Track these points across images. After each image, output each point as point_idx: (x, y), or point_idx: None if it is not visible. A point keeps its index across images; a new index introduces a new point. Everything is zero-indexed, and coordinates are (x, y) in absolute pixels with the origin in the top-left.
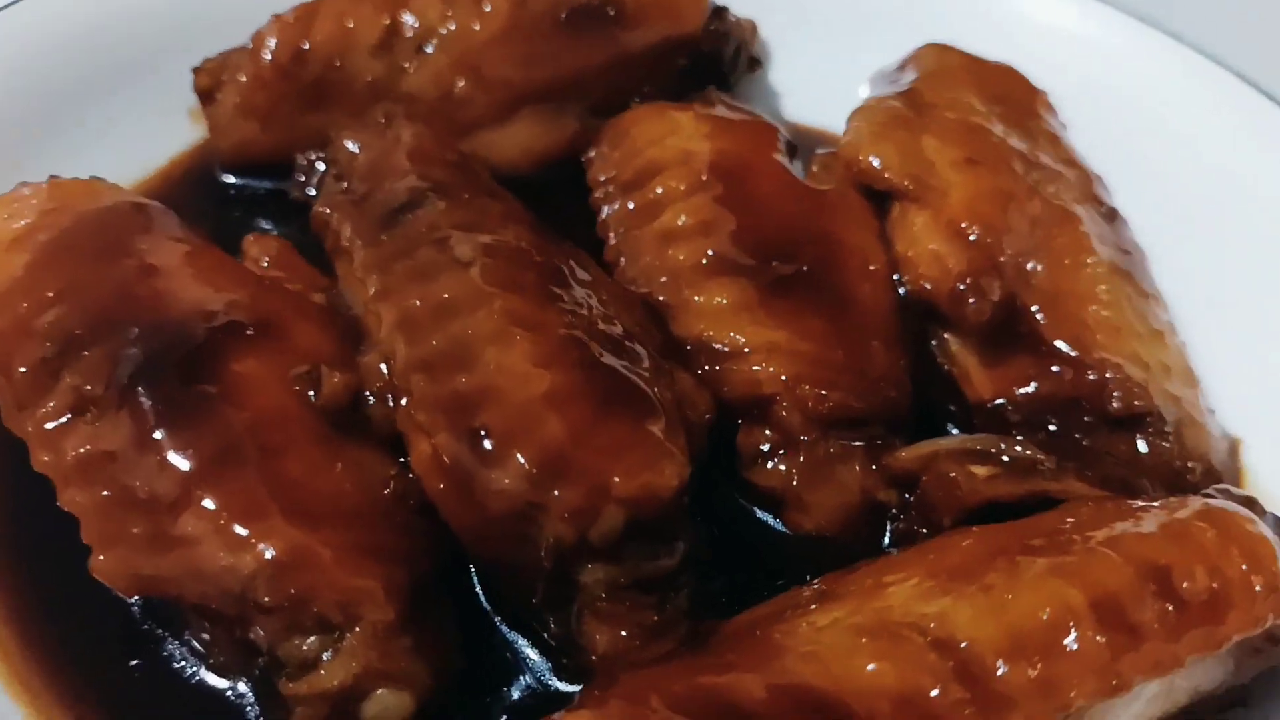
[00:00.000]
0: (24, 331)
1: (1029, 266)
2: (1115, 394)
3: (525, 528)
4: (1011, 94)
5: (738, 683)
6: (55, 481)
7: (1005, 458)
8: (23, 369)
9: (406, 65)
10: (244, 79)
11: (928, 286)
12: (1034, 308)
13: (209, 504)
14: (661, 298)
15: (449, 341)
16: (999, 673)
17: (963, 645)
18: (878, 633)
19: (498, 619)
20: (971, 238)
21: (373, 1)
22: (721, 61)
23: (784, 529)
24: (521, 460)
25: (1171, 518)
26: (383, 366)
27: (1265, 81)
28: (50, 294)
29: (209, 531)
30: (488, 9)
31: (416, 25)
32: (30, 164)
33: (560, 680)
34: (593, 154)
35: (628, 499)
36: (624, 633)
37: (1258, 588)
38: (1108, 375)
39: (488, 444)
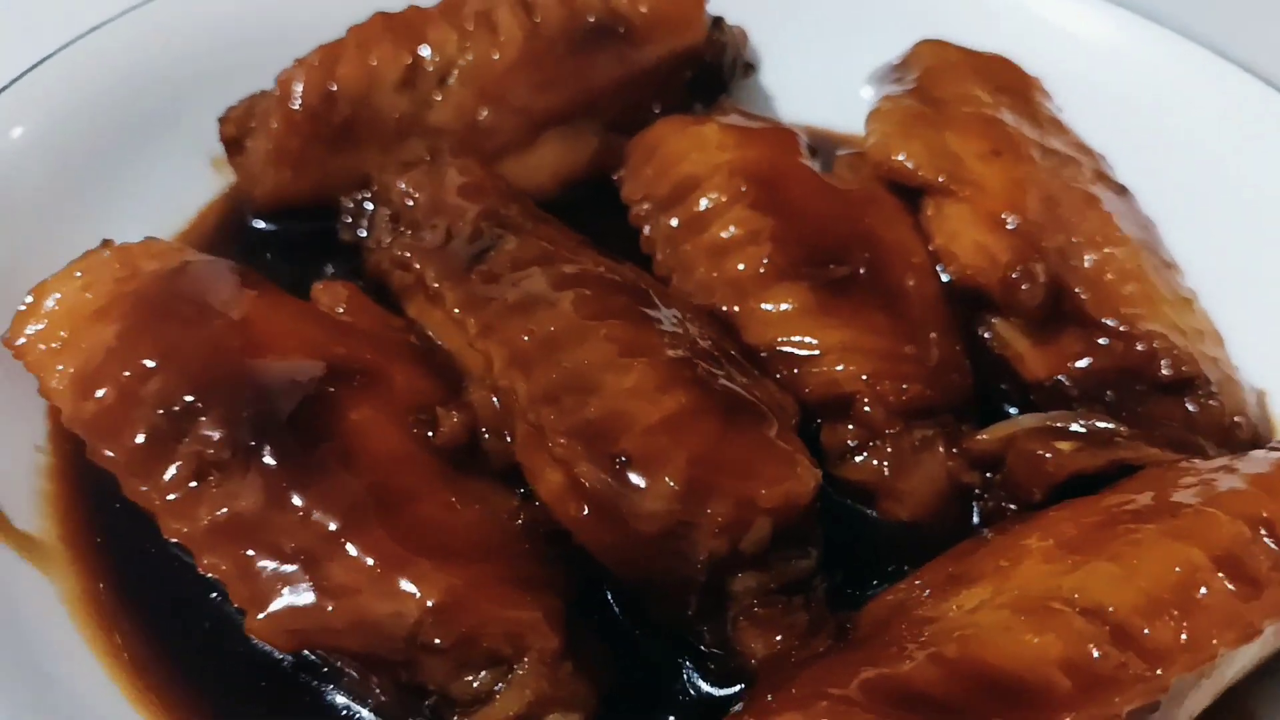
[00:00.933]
0: (131, 402)
1: (1065, 248)
2: (1164, 361)
3: (677, 545)
4: (1011, 83)
5: (913, 670)
6: (192, 550)
7: (1084, 431)
8: (138, 440)
9: (431, 99)
10: (275, 125)
11: (980, 276)
12: (1076, 288)
13: (358, 554)
14: (725, 308)
15: (567, 373)
16: (1147, 633)
17: (1110, 611)
18: (1029, 609)
19: (637, 631)
20: (1011, 226)
21: (392, 39)
22: (722, 70)
23: (876, 517)
24: (669, 482)
25: (1256, 472)
26: (494, 400)
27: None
28: (150, 361)
29: (365, 582)
30: (503, 37)
31: (437, 59)
32: (61, 227)
33: (709, 684)
34: (623, 173)
35: (774, 508)
36: (779, 636)
37: None
38: (1155, 345)
39: (631, 469)
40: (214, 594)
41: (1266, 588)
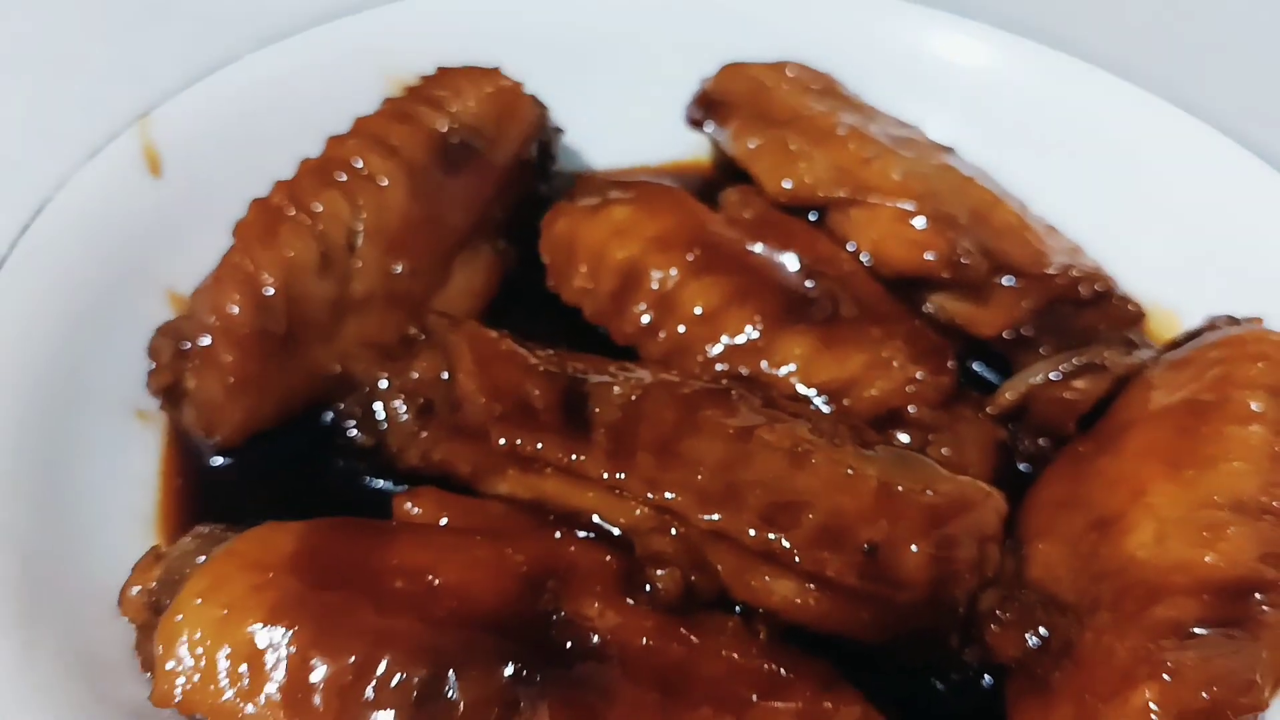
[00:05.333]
0: (365, 703)
1: (969, 217)
2: (1081, 282)
3: (937, 599)
4: (816, 81)
5: (1169, 612)
6: None
7: (1083, 365)
8: None
9: (351, 269)
10: (228, 356)
11: (927, 265)
12: (996, 247)
13: None
14: (746, 372)
15: (764, 494)
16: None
17: (1250, 499)
18: (1204, 525)
19: None
20: (926, 215)
21: (287, 227)
22: (551, 143)
23: None
24: (917, 550)
25: (1243, 350)
26: (673, 531)
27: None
28: (362, 653)
29: None
30: (385, 182)
31: (338, 228)
32: None
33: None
34: (552, 281)
35: (994, 533)
36: (1027, 633)
37: None
38: (1070, 272)
39: (881, 554)
40: None
41: None
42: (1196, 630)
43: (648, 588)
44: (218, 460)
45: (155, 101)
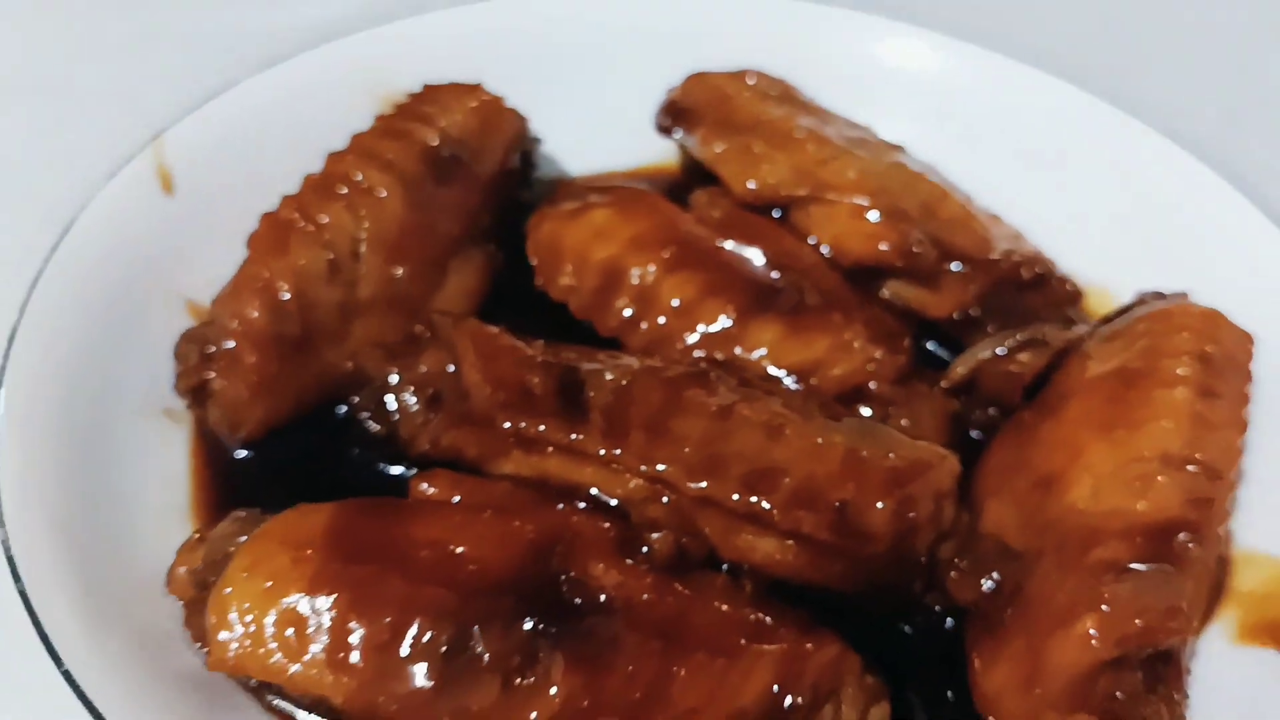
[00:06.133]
0: (400, 660)
1: (920, 210)
2: (1023, 266)
3: (900, 550)
4: (774, 88)
5: (1109, 552)
6: None
7: (1025, 340)
8: (428, 684)
9: (357, 276)
10: (250, 359)
11: (883, 256)
12: (945, 237)
13: (689, 675)
14: (720, 357)
15: (746, 464)
16: (1199, 456)
17: (1177, 453)
18: (1137, 476)
19: None
20: (881, 210)
21: (296, 237)
22: (532, 152)
23: None
24: (881, 507)
25: (1169, 323)
26: (664, 500)
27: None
28: (396, 615)
29: (712, 694)
30: (383, 193)
31: (343, 238)
32: None
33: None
34: (540, 280)
35: (949, 490)
36: (978, 578)
37: None
38: (1013, 257)
39: (849, 511)
40: None
41: (1224, 396)
42: (1131, 567)
43: (644, 550)
44: (242, 453)
45: (155, 124)
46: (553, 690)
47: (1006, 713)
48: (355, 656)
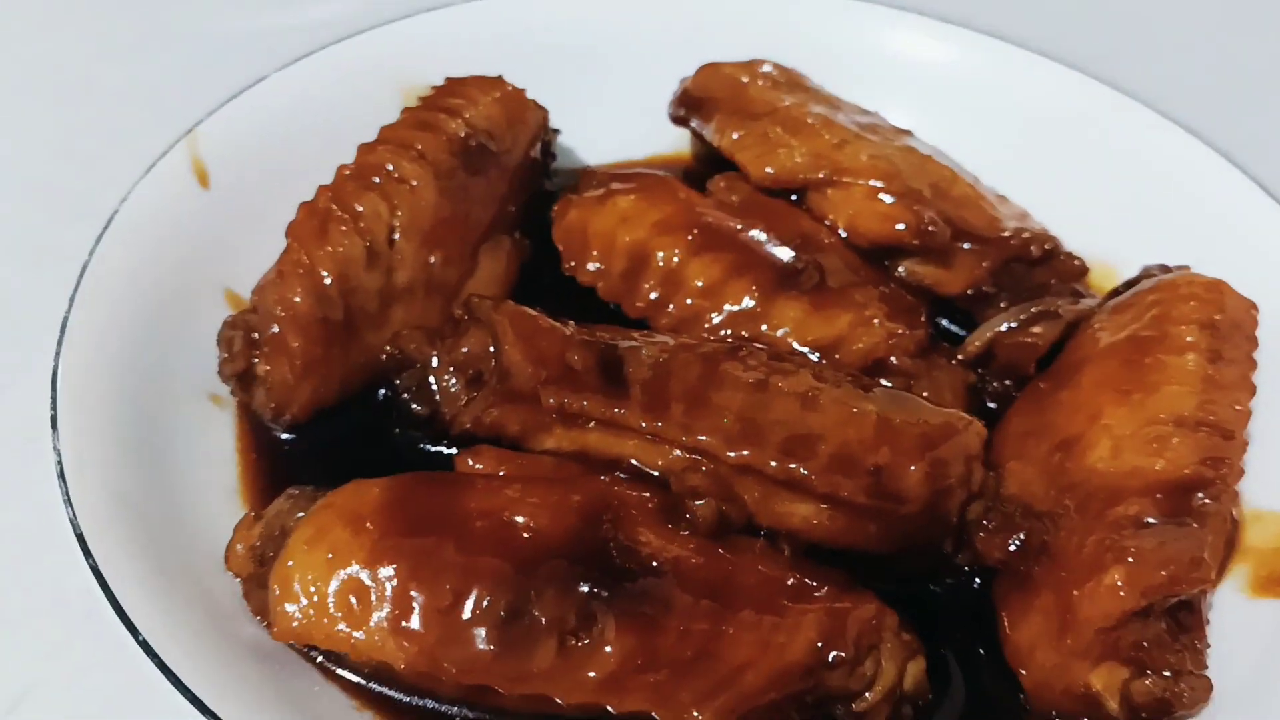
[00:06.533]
0: (462, 625)
1: (931, 191)
2: (1033, 244)
3: (933, 511)
4: (785, 76)
5: (1129, 511)
6: (601, 703)
7: (1039, 312)
8: (489, 648)
9: (394, 263)
10: (296, 342)
11: (900, 235)
12: (957, 215)
13: (737, 633)
14: (746, 335)
15: (784, 433)
16: (1214, 418)
17: (1189, 415)
18: (1153, 437)
19: None
20: (895, 191)
21: (335, 225)
22: (552, 143)
23: None
24: (915, 469)
25: (1176, 293)
26: (704, 469)
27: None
28: (455, 583)
29: (760, 649)
30: (416, 182)
31: (380, 226)
32: None
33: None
34: (570, 264)
35: (978, 452)
36: (1006, 537)
37: None
38: (1023, 235)
39: (885, 476)
40: None
41: (1232, 360)
42: (1153, 522)
43: (687, 517)
44: (287, 437)
45: (176, 123)
46: (608, 649)
47: (1037, 664)
48: (416, 623)
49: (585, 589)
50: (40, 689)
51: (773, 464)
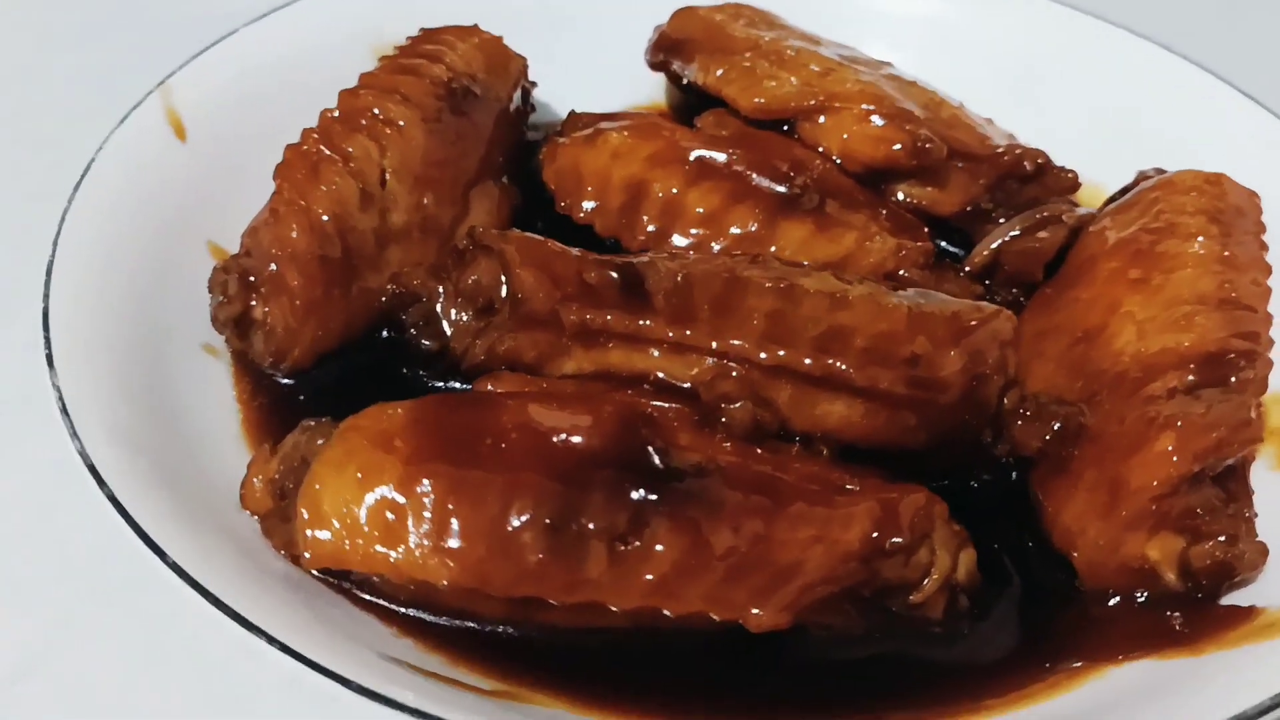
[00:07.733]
0: (511, 537)
1: (922, 113)
2: (1025, 159)
3: (971, 397)
4: (759, 16)
5: (1162, 381)
6: (659, 607)
7: (1044, 218)
8: (538, 558)
9: (387, 204)
10: (295, 281)
11: (894, 155)
12: (949, 134)
13: (790, 527)
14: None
15: (817, 328)
16: (1235, 295)
17: (1211, 293)
18: (1180, 317)
19: None
20: (888, 113)
21: (326, 166)
22: (530, 92)
23: None
24: (953, 355)
25: (1176, 187)
26: (733, 375)
27: None
28: (501, 495)
29: (812, 541)
30: (403, 123)
31: (370, 167)
32: None
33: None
34: (565, 203)
35: (1011, 338)
36: (1044, 424)
37: None
38: (1016, 151)
39: (922, 364)
40: None
41: (1243, 242)
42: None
43: (723, 421)
44: (287, 382)
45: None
46: (660, 550)
47: (1089, 543)
48: (459, 539)
49: (633, 493)
50: (47, 658)
51: (807, 361)
